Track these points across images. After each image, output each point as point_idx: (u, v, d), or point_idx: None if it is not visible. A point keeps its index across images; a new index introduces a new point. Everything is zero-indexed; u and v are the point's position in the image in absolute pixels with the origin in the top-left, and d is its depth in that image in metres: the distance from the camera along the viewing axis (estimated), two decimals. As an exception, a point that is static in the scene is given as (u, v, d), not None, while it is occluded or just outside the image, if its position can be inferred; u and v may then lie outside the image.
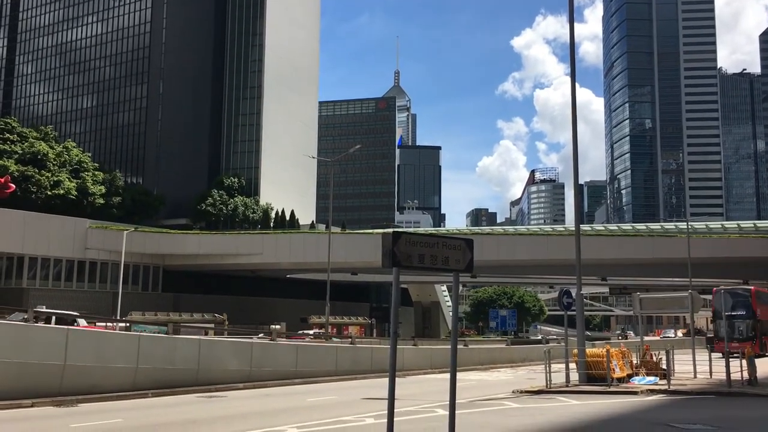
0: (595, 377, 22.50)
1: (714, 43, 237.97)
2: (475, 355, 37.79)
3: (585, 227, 75.34)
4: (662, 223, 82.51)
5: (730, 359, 22.44)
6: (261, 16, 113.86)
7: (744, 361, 22.48)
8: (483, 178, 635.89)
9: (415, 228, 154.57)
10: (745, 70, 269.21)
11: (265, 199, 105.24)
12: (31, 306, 48.10)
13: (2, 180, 19.73)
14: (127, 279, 69.33)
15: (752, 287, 44.67)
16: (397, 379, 8.44)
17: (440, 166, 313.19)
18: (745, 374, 22.61)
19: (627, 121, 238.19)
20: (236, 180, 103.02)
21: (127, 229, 68.04)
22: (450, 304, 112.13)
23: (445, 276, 70.97)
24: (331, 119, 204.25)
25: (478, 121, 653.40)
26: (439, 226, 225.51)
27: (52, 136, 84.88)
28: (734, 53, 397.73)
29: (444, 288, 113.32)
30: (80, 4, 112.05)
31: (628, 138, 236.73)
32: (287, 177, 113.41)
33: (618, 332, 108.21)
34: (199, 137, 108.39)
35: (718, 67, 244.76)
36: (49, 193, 74.31)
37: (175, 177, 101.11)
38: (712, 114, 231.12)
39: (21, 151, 76.35)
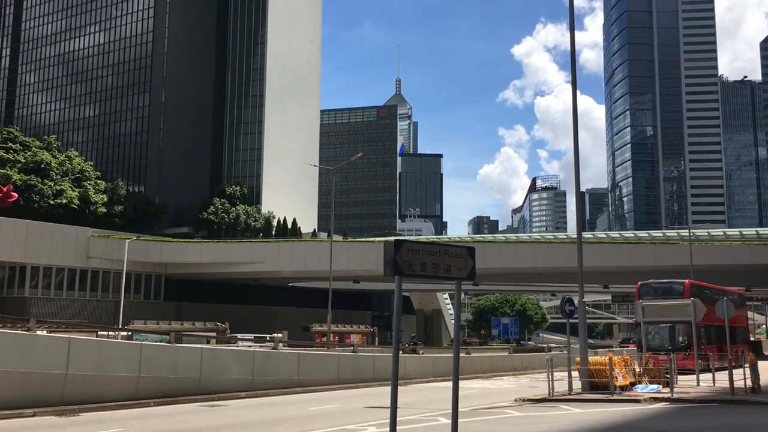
0: (597, 385, 22.45)
1: (715, 51, 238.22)
2: (477, 364, 37.69)
3: (587, 235, 75.34)
4: (664, 231, 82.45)
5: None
6: (263, 26, 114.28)
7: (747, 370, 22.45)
8: (484, 186, 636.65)
9: (416, 236, 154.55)
10: (746, 77, 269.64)
11: (266, 207, 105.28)
12: (33, 315, 48.07)
13: (5, 189, 19.80)
14: (129, 288, 69.43)
15: (686, 281, 34.39)
16: (399, 387, 8.43)
17: (441, 174, 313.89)
18: (749, 382, 22.58)
19: (628, 128, 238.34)
20: (238, 188, 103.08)
21: (129, 238, 68.11)
22: (452, 312, 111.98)
23: (447, 284, 71.03)
24: (333, 127, 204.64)
25: (479, 129, 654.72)
26: (441, 234, 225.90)
27: (54, 145, 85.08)
28: (735, 60, 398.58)
29: (446, 296, 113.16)
30: (82, 14, 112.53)
31: (629, 145, 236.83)
32: (289, 185, 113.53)
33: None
34: (201, 146, 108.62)
35: (719, 74, 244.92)
36: (51, 202, 74.42)
37: (177, 186, 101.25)
38: (713, 121, 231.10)
39: (24, 161, 76.58)
